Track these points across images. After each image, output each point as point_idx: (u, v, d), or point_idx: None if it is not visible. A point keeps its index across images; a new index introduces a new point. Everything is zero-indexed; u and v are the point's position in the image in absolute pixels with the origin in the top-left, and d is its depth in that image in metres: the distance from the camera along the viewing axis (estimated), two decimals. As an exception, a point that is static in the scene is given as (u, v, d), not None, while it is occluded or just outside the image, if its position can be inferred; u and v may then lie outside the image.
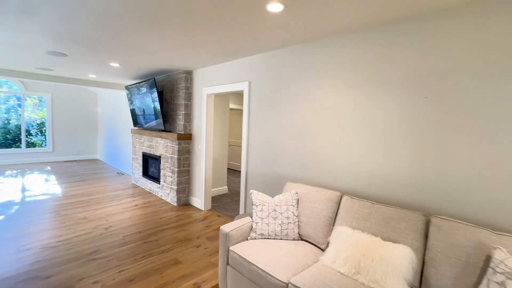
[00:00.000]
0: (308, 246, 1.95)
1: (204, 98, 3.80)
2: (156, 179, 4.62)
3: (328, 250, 1.72)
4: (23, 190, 4.59)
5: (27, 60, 3.66)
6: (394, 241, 1.60)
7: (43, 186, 4.90)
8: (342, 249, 1.61)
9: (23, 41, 2.73)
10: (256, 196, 2.12)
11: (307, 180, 2.52)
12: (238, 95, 6.65)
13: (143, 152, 5.01)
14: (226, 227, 1.99)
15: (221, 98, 4.72)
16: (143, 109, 4.58)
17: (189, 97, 4.08)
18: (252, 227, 2.07)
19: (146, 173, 5.05)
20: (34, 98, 7.53)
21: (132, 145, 5.41)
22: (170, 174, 4.18)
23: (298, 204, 2.16)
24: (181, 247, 2.77)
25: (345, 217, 1.89)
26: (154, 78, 3.97)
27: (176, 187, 4.07)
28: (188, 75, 4.04)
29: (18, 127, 7.32)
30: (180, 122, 4.13)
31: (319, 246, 1.97)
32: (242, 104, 6.75)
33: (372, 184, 2.05)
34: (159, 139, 4.47)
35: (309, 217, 2.05)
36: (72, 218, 3.43)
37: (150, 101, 4.26)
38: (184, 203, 4.20)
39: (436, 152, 1.73)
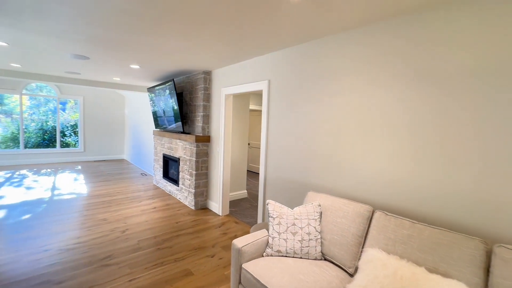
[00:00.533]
0: (332, 269, 1.68)
1: (223, 99, 3.65)
2: (175, 181, 4.57)
3: (357, 277, 1.43)
4: (53, 188, 4.80)
5: (55, 64, 3.79)
6: (444, 275, 1.28)
7: (72, 185, 5.10)
8: (375, 279, 1.32)
9: (45, 44, 2.78)
10: (273, 207, 1.89)
11: (332, 189, 2.24)
12: (260, 96, 6.45)
13: (163, 154, 5.01)
14: (239, 242, 1.78)
15: (241, 98, 4.56)
16: (164, 110, 4.56)
17: (207, 98, 3.96)
18: (268, 242, 1.85)
19: (166, 175, 5.04)
20: (71, 101, 7.99)
21: (154, 147, 5.45)
22: (189, 177, 4.10)
23: (321, 218, 1.89)
24: (194, 256, 2.62)
25: (377, 237, 1.59)
26: (173, 79, 3.92)
27: (194, 190, 3.97)
28: (207, 75, 3.92)
29: (54, 128, 7.81)
30: (199, 124, 4.03)
31: (346, 269, 1.69)
32: (261, 105, 6.54)
33: (411, 198, 1.72)
34: (178, 141, 4.42)
35: (334, 234, 1.77)
36: (92, 219, 3.45)
37: (170, 103, 4.21)
38: (202, 207, 4.08)
39: (504, 164, 1.37)
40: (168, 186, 4.82)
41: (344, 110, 2.13)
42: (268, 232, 1.91)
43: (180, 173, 4.37)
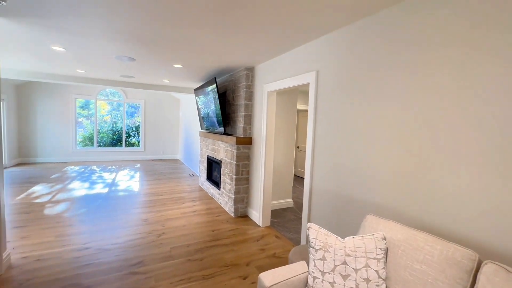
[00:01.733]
0: None
1: (265, 97, 3.27)
2: (217, 185, 4.39)
3: None
4: (112, 185, 5.18)
5: (109, 68, 4.02)
6: None
7: (127, 182, 5.44)
8: None
9: (94, 46, 2.87)
10: (316, 234, 1.40)
11: (403, 215, 1.61)
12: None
13: (207, 156, 4.91)
14: (268, 278, 1.35)
15: (289, 97, 4.11)
16: (207, 110, 4.45)
17: (249, 96, 3.64)
18: (307, 282, 1.37)
19: (210, 177, 4.94)
20: (137, 105, 8.81)
21: (200, 148, 5.44)
22: (229, 181, 3.84)
23: (386, 258, 1.32)
24: (225, 274, 2.29)
25: (491, 308, 0.95)
26: (215, 77, 3.72)
27: (233, 196, 3.69)
28: (249, 72, 3.60)
29: (126, 129, 8.69)
30: (240, 124, 3.74)
31: None
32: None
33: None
34: (220, 142, 4.23)
35: (410, 286, 1.18)
36: (135, 218, 3.49)
37: (212, 102, 4.05)
38: (242, 214, 3.77)
39: None
40: (211, 189, 4.68)
41: (424, 106, 1.50)
42: (308, 268, 1.43)
43: (221, 176, 4.17)
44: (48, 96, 7.28)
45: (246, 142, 3.63)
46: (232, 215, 3.73)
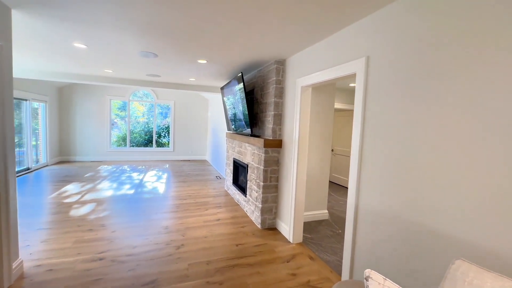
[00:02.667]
0: None
1: (298, 93, 2.81)
2: (243, 191, 4.03)
3: None
4: (138, 186, 5.12)
5: (134, 66, 3.88)
6: None
7: (154, 183, 5.35)
8: None
9: (110, 41, 2.68)
10: (380, 289, 0.93)
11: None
12: (347, 92, 5.24)
13: (233, 159, 4.58)
14: None
15: (325, 94, 3.59)
16: (234, 110, 4.11)
17: (280, 93, 3.21)
18: None
19: (236, 182, 4.60)
20: (168, 105, 8.91)
21: (226, 150, 5.14)
22: (256, 188, 3.45)
23: None
24: (248, 306, 1.89)
25: None
26: (242, 73, 3.36)
27: (261, 205, 3.28)
28: (280, 65, 3.17)
29: (156, 130, 8.83)
30: (269, 125, 3.33)
31: None
32: (350, 103, 5.29)
33: None
34: (247, 144, 3.86)
35: None
36: (156, 225, 3.26)
37: (239, 101, 3.69)
38: (270, 226, 3.34)
39: None
40: (237, 195, 4.34)
41: None
42: None
43: (248, 182, 3.79)
44: (86, 97, 7.62)
45: (275, 145, 3.21)
46: (259, 226, 3.32)
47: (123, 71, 4.27)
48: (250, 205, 3.65)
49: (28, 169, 5.98)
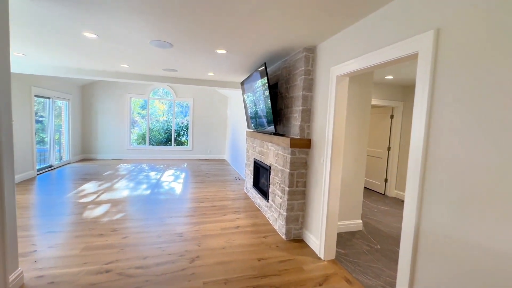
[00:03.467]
0: None
1: (332, 83, 2.38)
2: (265, 195, 3.65)
3: None
4: (155, 186, 4.92)
5: (147, 59, 3.64)
6: None
7: (170, 184, 5.14)
8: None
9: (120, 30, 2.41)
10: None
11: None
12: (381, 86, 4.67)
13: (254, 159, 4.22)
14: None
15: (359, 85, 3.12)
16: (255, 106, 3.74)
17: (309, 85, 2.79)
18: None
19: (256, 184, 4.24)
20: (187, 104, 8.76)
21: (246, 149, 4.79)
22: (280, 193, 3.06)
23: None
24: None
25: None
26: (265, 63, 2.98)
27: (285, 213, 2.89)
28: (310, 53, 2.75)
29: (175, 128, 8.73)
30: (296, 122, 2.92)
31: None
32: (383, 98, 4.72)
33: None
34: (269, 144, 3.47)
35: None
36: (169, 231, 2.98)
37: (261, 96, 3.32)
38: (296, 237, 2.94)
39: None
40: (258, 199, 3.98)
41: None
42: None
43: (270, 185, 3.41)
44: (107, 96, 7.64)
45: (303, 145, 2.79)
46: (283, 237, 2.93)
47: (139, 65, 4.05)
48: (273, 212, 3.27)
49: (50, 166, 6.04)
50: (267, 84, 2.99)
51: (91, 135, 7.63)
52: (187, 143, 8.83)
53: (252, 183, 4.32)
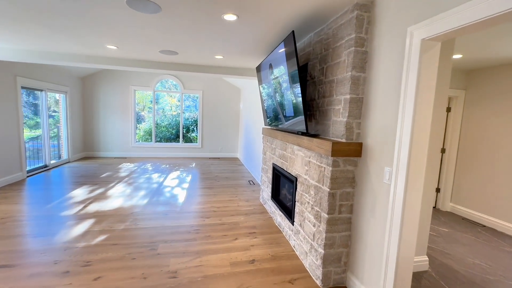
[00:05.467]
0: None
1: (412, 53, 1.43)
2: (289, 214, 2.77)
3: None
4: (154, 193, 4.17)
5: (136, 36, 2.80)
6: None
7: (173, 190, 4.37)
8: None
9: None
10: None
11: None
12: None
13: (273, 164, 3.34)
14: None
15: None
16: (274, 95, 2.84)
17: (362, 61, 1.85)
18: None
19: (276, 196, 3.36)
20: (196, 97, 7.97)
21: (262, 151, 3.92)
22: (313, 219, 2.17)
23: None
24: None
25: None
26: (293, 32, 2.05)
27: (322, 250, 1.99)
28: (363, 11, 1.80)
29: (183, 123, 7.99)
30: (338, 117, 1.99)
31: None
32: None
33: None
34: (295, 147, 2.57)
35: None
36: (160, 270, 2.18)
37: (286, 80, 2.41)
38: (337, 285, 2.05)
39: None
40: (278, 216, 3.10)
41: None
42: None
43: (296, 204, 2.52)
44: (109, 88, 6.97)
45: (350, 152, 1.87)
46: (318, 283, 2.05)
47: (129, 46, 3.23)
48: (302, 242, 2.38)
49: (45, 166, 5.45)
50: (295, 61, 2.07)
51: (93, 131, 7.03)
52: (196, 139, 8.08)
53: (270, 194, 3.44)
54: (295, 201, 2.56)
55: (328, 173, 1.92)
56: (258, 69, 3.37)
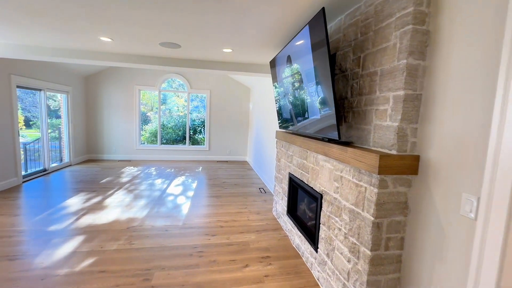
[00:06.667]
0: None
1: (526, 24, 0.92)
2: (310, 235, 2.28)
3: None
4: (155, 203, 3.76)
5: (131, 23, 2.39)
6: None
7: (177, 199, 3.96)
8: None
9: None
10: None
11: None
12: None
13: (290, 174, 2.85)
14: None
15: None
16: (293, 94, 2.36)
17: (421, 45, 1.35)
18: None
19: (292, 212, 2.88)
20: (204, 96, 7.58)
21: (276, 158, 3.44)
22: (346, 251, 1.68)
23: None
24: None
25: None
26: (323, 9, 1.58)
27: (360, 295, 1.50)
28: (427, -25, 1.30)
29: (190, 125, 7.61)
30: (382, 121, 1.50)
31: None
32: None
33: None
34: (320, 157, 2.08)
35: None
36: (153, 308, 1.74)
37: (308, 74, 1.93)
38: None
39: None
40: (295, 236, 2.62)
41: None
42: None
43: (321, 227, 2.03)
44: (113, 88, 6.66)
45: (404, 168, 1.37)
46: (355, 338, 1.55)
47: (125, 37, 2.83)
48: (330, 277, 1.89)
49: (44, 170, 5.15)
50: (326, 49, 1.60)
51: (96, 133, 6.73)
52: (203, 141, 7.68)
53: (286, 208, 2.97)
54: (319, 224, 2.07)
55: (371, 196, 1.43)
56: (273, 64, 2.91)
